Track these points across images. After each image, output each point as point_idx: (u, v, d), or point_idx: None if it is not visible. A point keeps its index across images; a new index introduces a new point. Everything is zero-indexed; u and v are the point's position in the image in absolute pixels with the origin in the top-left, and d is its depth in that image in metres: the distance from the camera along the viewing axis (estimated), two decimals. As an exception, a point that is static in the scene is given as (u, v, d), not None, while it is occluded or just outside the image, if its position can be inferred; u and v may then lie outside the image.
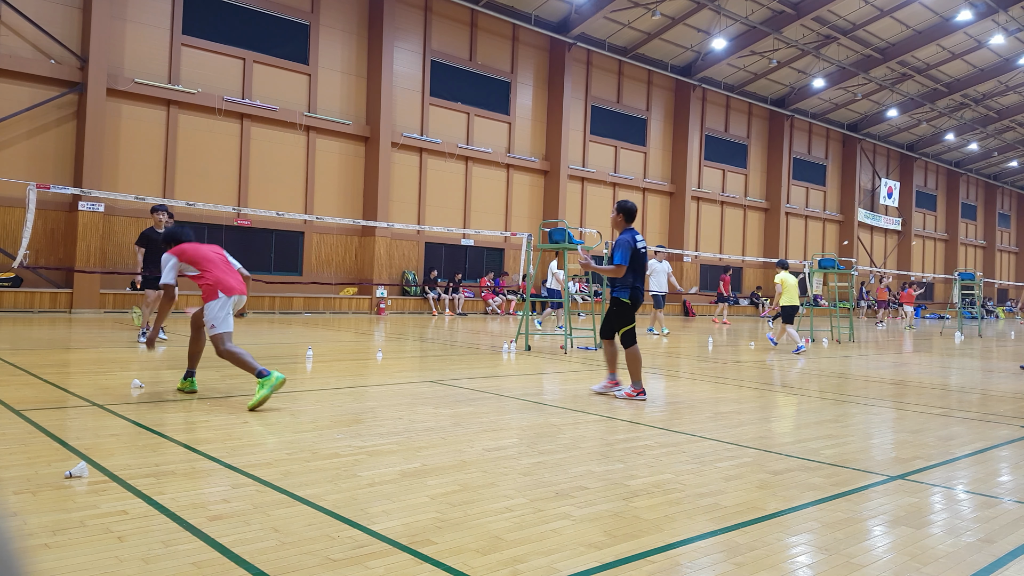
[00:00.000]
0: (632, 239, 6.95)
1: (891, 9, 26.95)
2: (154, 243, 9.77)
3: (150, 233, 10.20)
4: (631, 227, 7.13)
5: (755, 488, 3.86)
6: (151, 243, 9.98)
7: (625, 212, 7.17)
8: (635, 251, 6.93)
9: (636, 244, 6.96)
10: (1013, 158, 45.27)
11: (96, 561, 2.59)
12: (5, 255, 15.96)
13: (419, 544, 2.87)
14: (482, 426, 5.25)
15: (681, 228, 30.20)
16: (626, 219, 7.15)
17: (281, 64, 20.27)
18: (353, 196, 21.78)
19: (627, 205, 7.19)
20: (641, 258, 7.01)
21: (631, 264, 6.92)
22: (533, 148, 26.03)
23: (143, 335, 10.24)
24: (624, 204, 7.20)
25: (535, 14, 24.74)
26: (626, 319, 7.02)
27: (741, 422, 5.83)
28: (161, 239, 6.53)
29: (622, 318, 7.02)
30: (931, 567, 2.84)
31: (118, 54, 17.62)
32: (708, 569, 2.75)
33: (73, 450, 4.09)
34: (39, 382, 6.46)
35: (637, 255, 6.96)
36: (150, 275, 10.18)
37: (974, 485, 4.17)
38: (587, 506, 3.44)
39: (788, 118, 34.36)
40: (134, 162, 18.00)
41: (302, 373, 7.90)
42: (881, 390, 8.27)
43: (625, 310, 7.00)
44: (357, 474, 3.84)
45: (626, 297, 6.96)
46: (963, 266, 45.81)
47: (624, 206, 7.18)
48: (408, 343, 12.41)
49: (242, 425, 4.99)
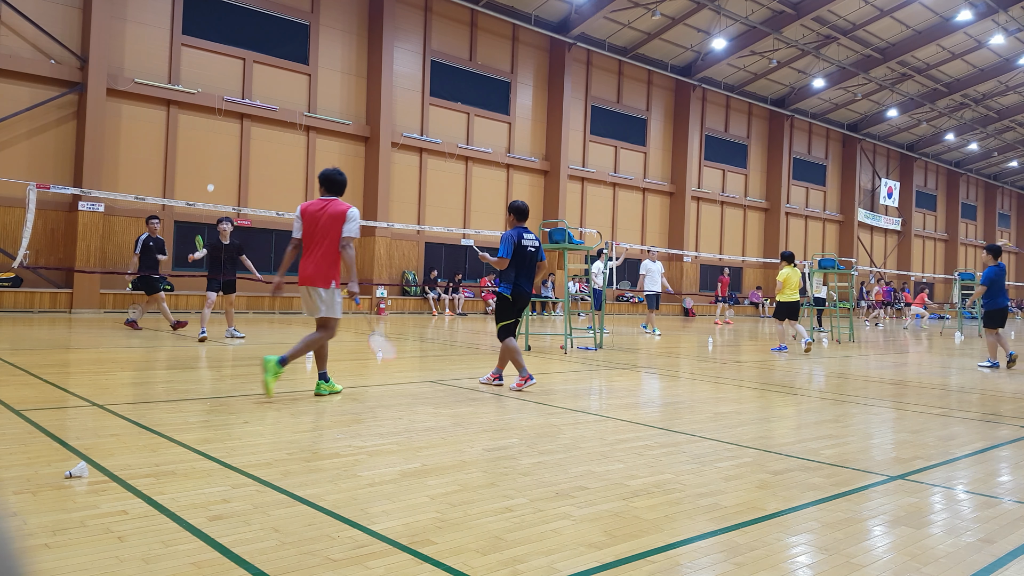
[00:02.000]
0: (518, 235, 7.07)
1: (891, 9, 26.95)
2: (216, 250, 11.21)
3: (215, 242, 11.32)
4: (521, 225, 7.28)
5: (755, 488, 3.86)
6: (214, 250, 11.27)
7: (515, 211, 7.29)
8: (519, 247, 7.05)
9: (521, 240, 7.07)
10: (1013, 158, 45.28)
11: (96, 561, 2.58)
12: (5, 255, 15.96)
13: (419, 544, 2.87)
14: (482, 426, 5.25)
15: (681, 228, 30.20)
16: (517, 218, 7.31)
17: (281, 64, 20.27)
18: (353, 196, 21.77)
19: (516, 204, 7.29)
20: (527, 256, 7.13)
21: (514, 260, 7.05)
22: (533, 148, 26.03)
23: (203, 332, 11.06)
24: (513, 204, 7.36)
25: (535, 14, 24.74)
26: (504, 313, 7.17)
27: (741, 422, 5.83)
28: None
29: (501, 312, 7.18)
30: (931, 567, 2.84)
31: (118, 54, 17.63)
32: (708, 569, 2.74)
33: (73, 450, 4.08)
34: (39, 382, 6.46)
35: (521, 251, 7.07)
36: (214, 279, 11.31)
37: (974, 485, 4.17)
38: (587, 506, 3.44)
39: (788, 118, 34.36)
40: (134, 162, 18.00)
41: (302, 373, 7.90)
42: (881, 390, 8.27)
43: (504, 304, 7.15)
44: (357, 474, 3.84)
45: (507, 292, 7.09)
46: (963, 266, 45.80)
47: (513, 205, 7.32)
48: (408, 343, 12.41)
49: (242, 425, 4.99)
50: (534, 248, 7.21)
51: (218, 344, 10.58)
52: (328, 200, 6.32)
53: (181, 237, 19.05)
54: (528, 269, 7.19)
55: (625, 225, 28.94)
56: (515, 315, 7.20)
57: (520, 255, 7.07)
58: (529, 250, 7.14)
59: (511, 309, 7.16)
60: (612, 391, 7.48)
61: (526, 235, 7.15)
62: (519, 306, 7.19)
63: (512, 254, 7.04)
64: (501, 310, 7.19)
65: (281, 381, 7.19)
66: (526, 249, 7.10)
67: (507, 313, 7.17)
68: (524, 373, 7.06)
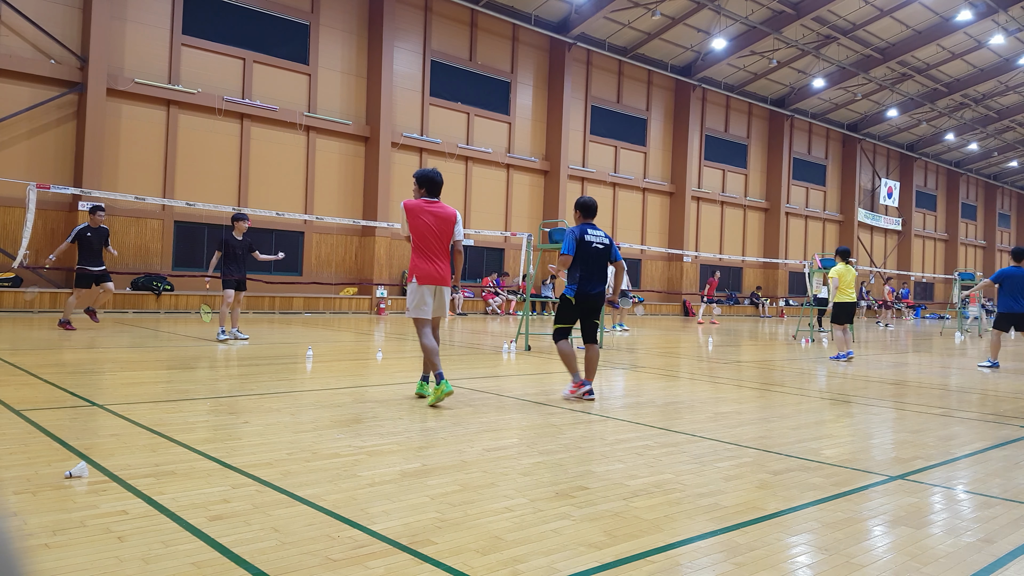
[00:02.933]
0: (581, 231, 6.60)
1: (891, 9, 26.95)
2: (231, 247, 11.06)
3: (228, 238, 11.14)
4: (588, 221, 6.79)
5: (755, 488, 3.86)
6: (228, 247, 11.06)
7: (581, 208, 6.81)
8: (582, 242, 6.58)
9: (584, 236, 6.58)
10: (1013, 158, 45.27)
11: (96, 561, 2.58)
12: (5, 255, 15.96)
13: (419, 544, 2.87)
14: (482, 426, 5.25)
15: (681, 228, 30.20)
16: (583, 214, 6.80)
17: (281, 64, 20.27)
18: (353, 196, 21.78)
19: (581, 200, 6.82)
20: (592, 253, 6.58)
21: (578, 257, 6.57)
22: (533, 148, 26.03)
23: (222, 333, 11.05)
24: (579, 200, 6.84)
25: (535, 14, 24.74)
26: (562, 315, 6.71)
27: (741, 422, 5.83)
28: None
29: (560, 314, 6.73)
30: (931, 567, 2.84)
31: (118, 54, 17.63)
32: (708, 569, 2.74)
33: (73, 450, 4.08)
34: (39, 382, 6.46)
35: (586, 247, 6.58)
36: (231, 278, 11.13)
37: (974, 485, 4.17)
38: (587, 506, 3.44)
39: (788, 118, 34.36)
40: (134, 162, 18.00)
41: (302, 373, 7.90)
42: (881, 390, 8.27)
43: (565, 306, 6.74)
44: (357, 474, 3.84)
45: (570, 294, 6.63)
46: (963, 266, 45.80)
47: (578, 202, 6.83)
48: (408, 343, 12.40)
49: (242, 425, 4.99)
50: (602, 245, 6.63)
51: (220, 345, 10.57)
52: (434, 201, 6.23)
53: (181, 237, 19.05)
54: (596, 268, 6.59)
55: (625, 225, 28.95)
56: (576, 318, 6.67)
57: (584, 252, 6.54)
58: (595, 247, 6.59)
59: (572, 311, 6.63)
60: (612, 391, 7.47)
61: (591, 231, 6.63)
62: (585, 308, 6.62)
63: (575, 251, 6.53)
64: (561, 311, 6.70)
65: (281, 381, 7.19)
66: (590, 245, 6.56)
67: (565, 315, 6.67)
68: (576, 379, 6.61)
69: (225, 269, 11.08)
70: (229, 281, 11.11)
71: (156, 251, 18.40)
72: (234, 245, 11.06)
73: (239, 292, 11.37)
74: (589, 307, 6.66)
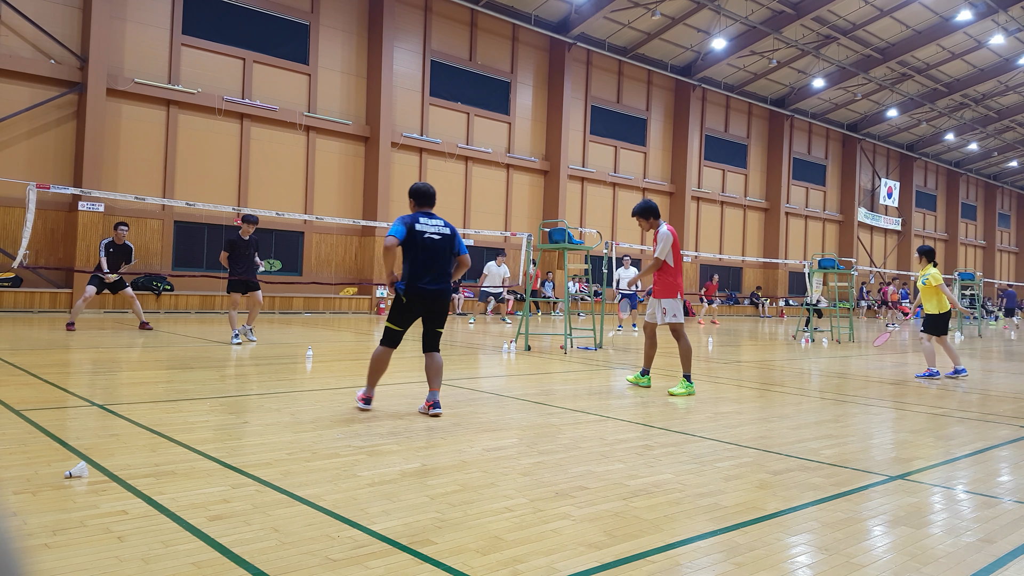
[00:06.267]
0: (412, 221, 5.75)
1: (891, 9, 26.95)
2: (238, 248, 10.97)
3: (234, 239, 11.10)
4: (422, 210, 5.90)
5: (755, 488, 3.86)
6: (236, 248, 11.00)
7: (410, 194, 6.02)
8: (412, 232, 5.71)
9: (415, 226, 5.72)
10: (1013, 158, 45.27)
11: (96, 561, 2.59)
12: (5, 255, 15.96)
13: (419, 544, 2.87)
14: (482, 426, 5.25)
15: (681, 228, 30.18)
16: (417, 203, 5.94)
17: (281, 64, 20.26)
18: (353, 196, 21.77)
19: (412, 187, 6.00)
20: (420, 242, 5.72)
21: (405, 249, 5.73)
22: (533, 148, 26.03)
23: (236, 336, 10.91)
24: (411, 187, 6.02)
25: (535, 14, 24.74)
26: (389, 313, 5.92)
27: (741, 422, 5.83)
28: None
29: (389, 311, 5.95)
30: (931, 567, 2.85)
31: (118, 54, 17.62)
32: (708, 569, 2.74)
33: (73, 450, 4.08)
34: (39, 382, 6.46)
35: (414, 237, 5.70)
36: (238, 279, 11.06)
37: (974, 485, 4.17)
38: (587, 506, 3.44)
39: (788, 118, 34.36)
40: (134, 162, 18.00)
41: (302, 373, 7.90)
42: (881, 390, 8.27)
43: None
44: (357, 474, 3.84)
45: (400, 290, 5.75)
46: (963, 266, 45.79)
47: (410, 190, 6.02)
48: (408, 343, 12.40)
49: (242, 425, 4.99)
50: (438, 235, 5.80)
51: (221, 345, 10.57)
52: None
53: (181, 237, 19.05)
54: (433, 262, 5.74)
55: (625, 225, 28.92)
56: (410, 320, 5.89)
57: (414, 243, 5.67)
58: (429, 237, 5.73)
59: (403, 311, 5.80)
60: (612, 391, 7.47)
61: (424, 219, 5.81)
62: (423, 309, 5.86)
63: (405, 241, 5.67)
64: (392, 310, 5.89)
65: (281, 381, 7.19)
66: (423, 235, 5.71)
67: (396, 315, 5.86)
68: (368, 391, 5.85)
69: (231, 270, 11.13)
70: (233, 283, 11.14)
71: (156, 251, 18.40)
72: (240, 246, 11.06)
73: (251, 292, 11.22)
74: (428, 309, 5.83)
